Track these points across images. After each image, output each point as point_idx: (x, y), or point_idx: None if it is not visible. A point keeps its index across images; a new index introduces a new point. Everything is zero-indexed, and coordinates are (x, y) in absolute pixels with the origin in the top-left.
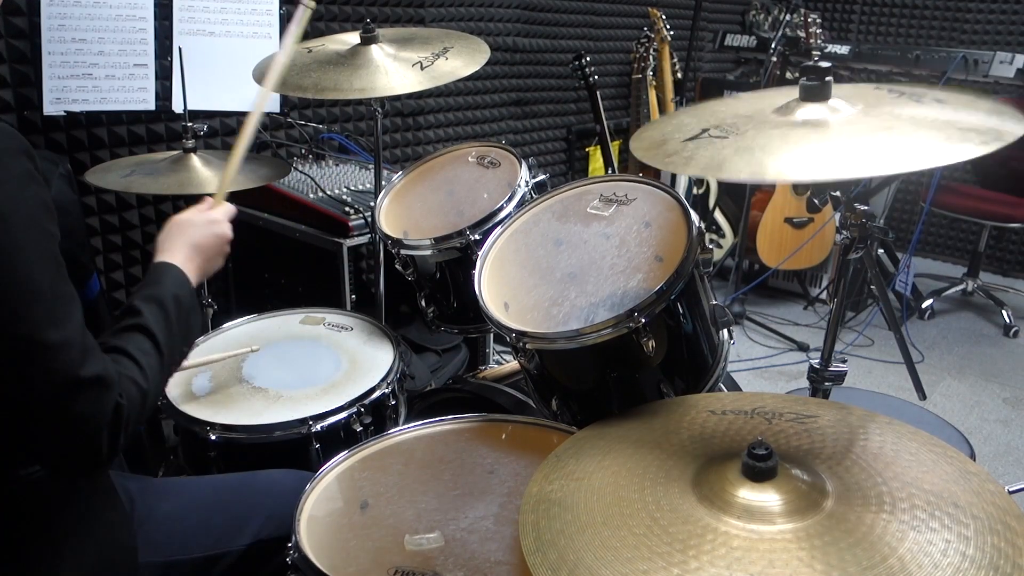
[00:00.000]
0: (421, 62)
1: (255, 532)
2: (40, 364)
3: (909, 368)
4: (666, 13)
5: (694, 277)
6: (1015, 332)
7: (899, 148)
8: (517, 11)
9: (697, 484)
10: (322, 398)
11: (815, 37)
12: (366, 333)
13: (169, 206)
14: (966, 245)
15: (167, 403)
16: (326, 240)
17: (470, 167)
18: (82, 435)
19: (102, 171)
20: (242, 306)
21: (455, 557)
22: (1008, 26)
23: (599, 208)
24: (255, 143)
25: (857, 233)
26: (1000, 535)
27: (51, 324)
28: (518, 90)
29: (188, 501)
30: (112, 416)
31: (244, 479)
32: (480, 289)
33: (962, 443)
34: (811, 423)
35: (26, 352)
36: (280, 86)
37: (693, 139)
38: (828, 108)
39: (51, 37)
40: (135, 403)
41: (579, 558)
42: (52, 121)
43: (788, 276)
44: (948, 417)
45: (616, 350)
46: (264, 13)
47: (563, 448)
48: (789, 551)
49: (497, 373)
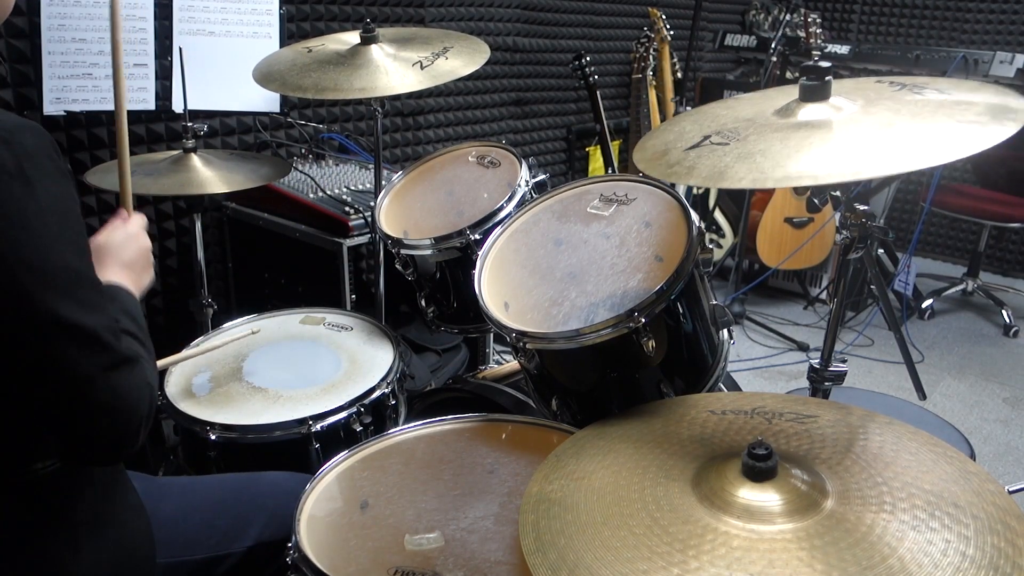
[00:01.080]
0: (421, 62)
1: (257, 534)
2: (84, 346)
3: (909, 368)
4: (666, 13)
5: (694, 277)
6: (1015, 332)
7: (902, 146)
8: (517, 11)
9: (697, 484)
10: (322, 398)
11: (815, 37)
12: (366, 333)
13: (169, 206)
14: (966, 245)
15: (167, 403)
16: (326, 240)
17: (470, 167)
18: (124, 412)
19: (102, 172)
20: (242, 306)
21: (455, 557)
22: (1008, 26)
23: (599, 208)
24: (255, 143)
25: (857, 233)
26: (1000, 535)
27: (93, 308)
28: (518, 90)
29: (191, 502)
30: (146, 394)
31: (247, 480)
32: (480, 289)
33: (962, 443)
34: (811, 423)
35: (69, 335)
36: (280, 86)
37: (695, 148)
38: (829, 106)
39: (51, 37)
40: (156, 383)
41: (579, 558)
42: (52, 121)
43: (788, 276)
44: (948, 417)
45: (616, 350)
46: (264, 13)
47: (563, 448)
48: (789, 551)
49: (497, 373)
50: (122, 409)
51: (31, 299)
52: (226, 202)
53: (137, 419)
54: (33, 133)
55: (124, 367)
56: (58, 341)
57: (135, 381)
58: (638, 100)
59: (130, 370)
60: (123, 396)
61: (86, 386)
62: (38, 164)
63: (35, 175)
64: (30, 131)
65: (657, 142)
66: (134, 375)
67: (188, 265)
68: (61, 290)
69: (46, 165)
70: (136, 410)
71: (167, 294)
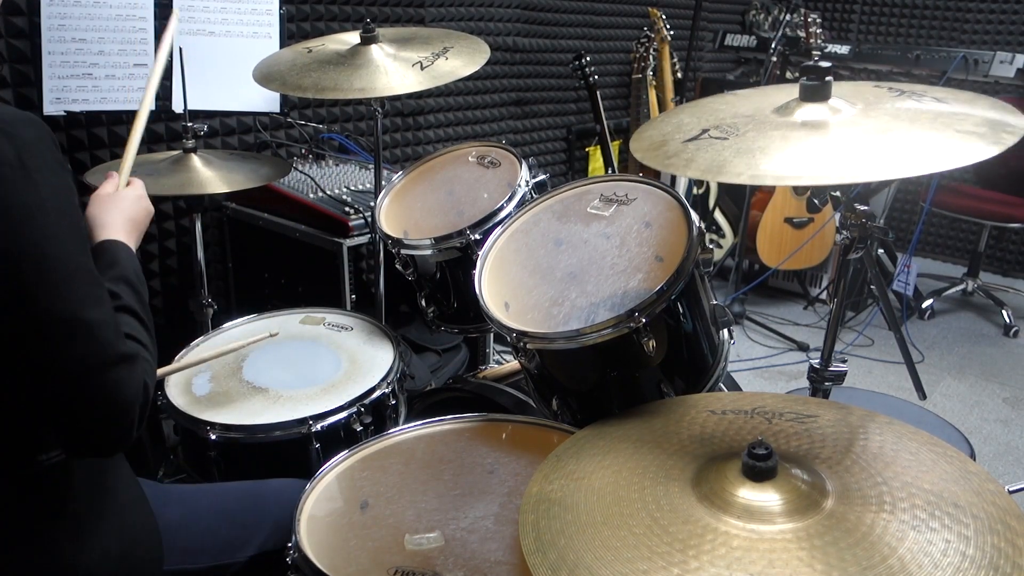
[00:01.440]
0: (421, 62)
1: (261, 543)
2: (83, 341)
3: (909, 368)
4: (666, 13)
5: (694, 277)
6: (1015, 332)
7: (901, 151)
8: (517, 11)
9: (697, 484)
10: (322, 398)
11: (815, 37)
12: (366, 333)
13: (169, 206)
14: (966, 245)
15: (167, 403)
16: (326, 240)
17: (470, 167)
18: (119, 408)
19: (103, 172)
20: (242, 306)
21: (455, 557)
22: (1008, 26)
23: (599, 208)
24: (255, 143)
25: (857, 233)
26: (1000, 535)
27: (92, 303)
28: (518, 90)
29: (195, 510)
30: (141, 393)
31: (250, 488)
32: (480, 289)
33: (962, 443)
34: (811, 423)
35: (69, 330)
36: (280, 85)
37: (693, 140)
38: (828, 108)
39: (51, 37)
40: (152, 378)
41: (579, 558)
42: (52, 121)
43: (788, 276)
44: (948, 417)
45: (616, 350)
46: (264, 13)
47: (563, 448)
48: (789, 551)
49: (497, 373)
50: (117, 405)
51: (31, 292)
52: (226, 202)
53: (131, 416)
54: (32, 125)
55: (122, 364)
56: (56, 334)
57: (131, 379)
58: (638, 100)
59: (128, 368)
60: (118, 392)
61: (82, 380)
62: (38, 156)
63: (35, 167)
64: (29, 123)
65: (655, 133)
66: (131, 373)
67: (188, 265)
68: (61, 283)
69: (46, 157)
70: (131, 406)
71: (167, 294)
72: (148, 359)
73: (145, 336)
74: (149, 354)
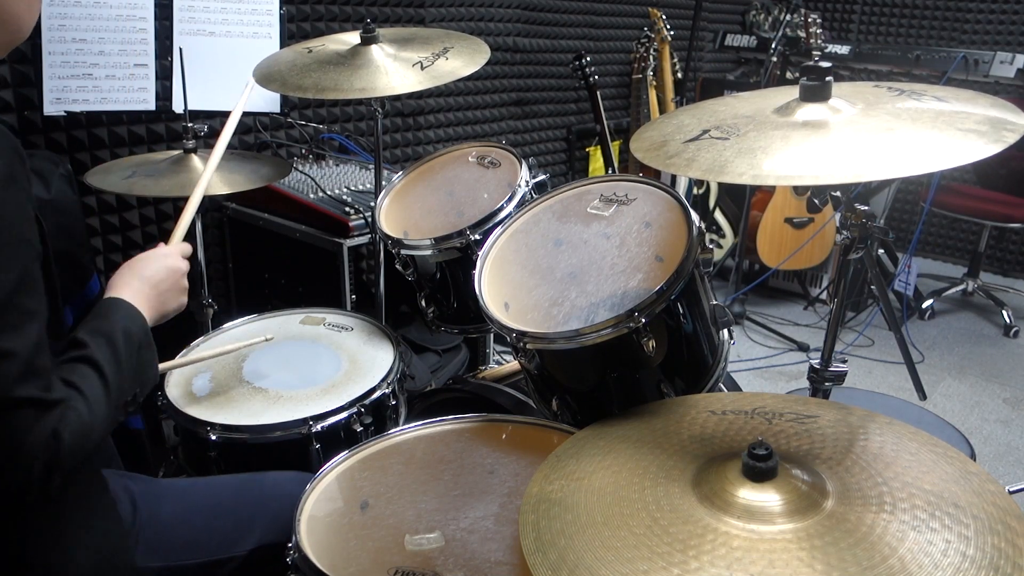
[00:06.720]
0: (421, 62)
1: (259, 537)
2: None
3: (909, 368)
4: (666, 13)
5: (694, 277)
6: (1015, 332)
7: (902, 150)
8: (517, 11)
9: (697, 484)
10: (322, 398)
11: (815, 37)
12: (366, 333)
13: (169, 206)
14: (966, 245)
15: (167, 403)
16: (326, 240)
17: (470, 167)
18: (10, 459)
19: (103, 172)
20: (242, 306)
21: (455, 557)
22: (1008, 26)
23: (599, 208)
24: (255, 143)
25: (857, 233)
26: (1000, 535)
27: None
28: (518, 90)
29: (191, 504)
30: (46, 445)
31: (247, 481)
32: (480, 289)
33: (962, 443)
34: (811, 423)
35: None
36: (280, 86)
37: (694, 140)
38: (828, 108)
39: (51, 37)
40: (76, 436)
41: (579, 558)
42: (52, 121)
43: (788, 276)
44: (948, 417)
45: (616, 350)
46: (264, 13)
47: (563, 448)
48: (789, 551)
49: (497, 373)
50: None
51: None
52: (226, 202)
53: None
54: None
55: (26, 408)
56: None
57: (34, 426)
58: (638, 100)
59: (33, 412)
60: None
61: None
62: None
63: None
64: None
65: (655, 133)
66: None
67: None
68: None
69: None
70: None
71: None
72: (81, 411)
73: (96, 391)
74: (87, 408)
